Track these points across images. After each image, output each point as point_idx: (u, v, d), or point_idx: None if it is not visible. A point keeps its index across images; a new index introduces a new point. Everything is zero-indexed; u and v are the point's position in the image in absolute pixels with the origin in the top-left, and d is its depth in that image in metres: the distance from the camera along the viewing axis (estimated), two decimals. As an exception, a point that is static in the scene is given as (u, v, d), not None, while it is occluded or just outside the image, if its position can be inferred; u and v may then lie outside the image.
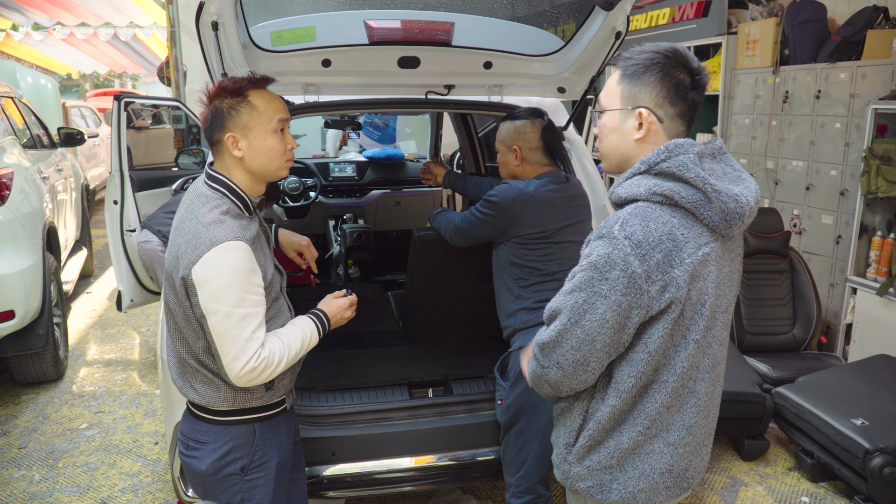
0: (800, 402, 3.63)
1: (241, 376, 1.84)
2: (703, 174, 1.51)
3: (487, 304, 3.14)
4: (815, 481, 3.64)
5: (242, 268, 1.82)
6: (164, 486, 3.57)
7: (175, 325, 1.94)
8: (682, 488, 1.68)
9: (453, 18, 2.83)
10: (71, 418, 4.33)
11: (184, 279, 1.82)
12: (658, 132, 1.60)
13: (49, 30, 14.21)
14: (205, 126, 1.93)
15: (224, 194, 1.90)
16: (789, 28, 5.35)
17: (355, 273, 5.03)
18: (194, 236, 1.82)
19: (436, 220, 2.92)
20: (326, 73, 2.88)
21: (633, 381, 1.58)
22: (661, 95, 1.57)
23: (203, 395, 1.95)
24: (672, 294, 1.50)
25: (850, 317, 4.64)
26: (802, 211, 5.25)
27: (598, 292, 1.50)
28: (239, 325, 1.81)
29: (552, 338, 1.58)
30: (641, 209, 1.53)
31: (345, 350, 3.22)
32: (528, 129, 2.68)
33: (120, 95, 4.52)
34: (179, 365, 2.00)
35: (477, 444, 2.74)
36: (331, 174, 5.64)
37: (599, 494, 1.68)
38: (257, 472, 2.01)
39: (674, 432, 1.63)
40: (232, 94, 1.89)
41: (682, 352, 1.57)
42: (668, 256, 1.49)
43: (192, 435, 2.01)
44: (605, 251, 1.50)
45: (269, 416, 2.04)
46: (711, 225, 1.53)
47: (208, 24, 2.36)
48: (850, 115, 4.81)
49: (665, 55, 1.57)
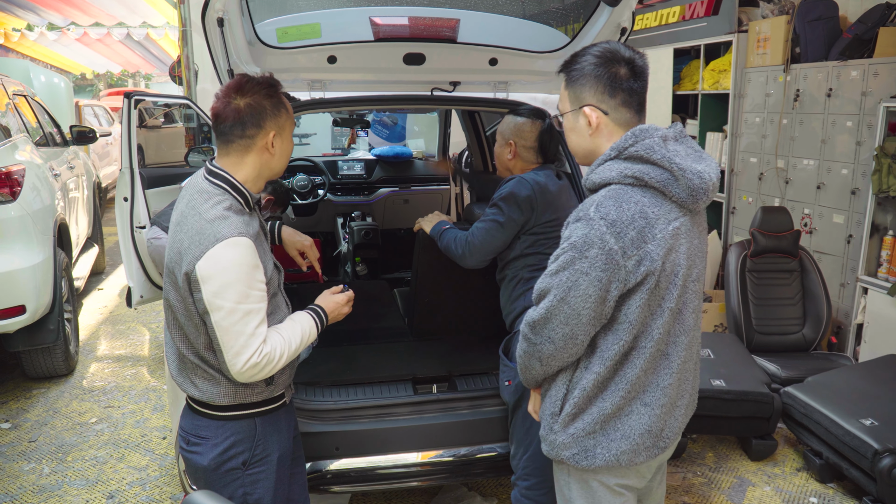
0: (809, 402, 3.60)
1: (243, 372, 1.85)
2: (668, 154, 1.65)
3: (492, 300, 3.14)
4: (823, 482, 3.61)
5: (246, 264, 1.82)
6: (171, 479, 3.60)
7: (175, 320, 1.93)
8: (659, 447, 1.79)
9: (458, 15, 2.83)
10: (81, 413, 4.37)
11: (187, 275, 1.81)
12: (607, 123, 1.75)
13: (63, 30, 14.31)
14: (233, 120, 1.87)
15: (226, 190, 1.90)
16: (800, 26, 5.30)
17: (363, 270, 5.04)
18: (198, 232, 1.82)
19: (443, 242, 2.80)
20: (332, 70, 2.89)
21: (616, 348, 1.70)
22: (600, 91, 1.73)
23: (203, 391, 1.95)
24: (647, 267, 1.63)
25: (861, 317, 4.60)
26: (813, 210, 5.21)
27: (579, 270, 1.64)
28: (242, 322, 1.81)
29: (542, 315, 1.72)
30: (614, 191, 1.66)
31: (350, 346, 3.24)
32: (527, 127, 2.72)
33: (130, 93, 4.55)
34: (179, 361, 2.00)
35: (481, 441, 2.74)
36: (339, 172, 5.65)
37: (584, 461, 1.78)
38: (259, 467, 2.02)
39: (649, 393, 1.74)
40: (269, 93, 1.90)
41: (658, 319, 1.70)
42: (642, 233, 1.62)
43: (193, 430, 2.01)
44: (583, 232, 1.64)
45: (269, 411, 2.04)
46: (679, 201, 1.67)
47: (214, 20, 2.37)
48: (861, 114, 4.76)
49: (594, 55, 1.73)
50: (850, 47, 4.91)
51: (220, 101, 1.88)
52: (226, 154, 1.92)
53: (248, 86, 1.87)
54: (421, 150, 6.47)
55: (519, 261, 2.65)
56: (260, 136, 1.89)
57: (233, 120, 1.87)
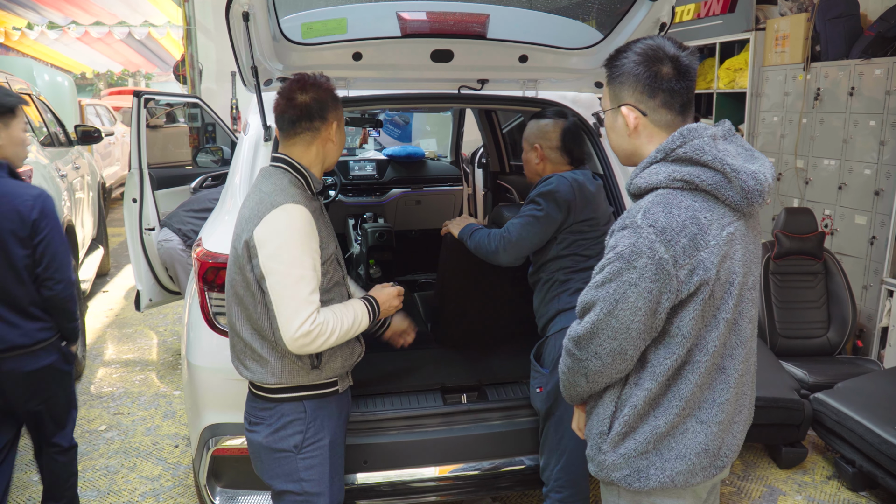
0: (841, 409, 3.50)
1: (295, 339, 1.94)
2: (719, 155, 1.55)
3: (520, 306, 3.04)
4: (855, 490, 3.52)
5: (299, 230, 1.96)
6: (185, 490, 3.49)
7: (235, 295, 2.06)
8: (717, 468, 1.69)
9: (488, 10, 2.74)
10: (89, 420, 4.26)
11: (246, 243, 1.97)
12: (646, 125, 1.66)
13: (64, 28, 14.22)
14: (300, 113, 2.05)
15: (287, 171, 2.09)
16: (821, 24, 5.22)
17: (376, 273, 4.92)
18: (257, 203, 2.00)
19: (473, 240, 2.68)
20: (357, 67, 2.79)
21: (669, 363, 1.60)
22: (639, 91, 1.64)
23: (254, 372, 2.08)
24: (701, 276, 1.53)
25: (886, 320, 4.51)
26: (834, 211, 5.12)
27: (627, 281, 1.54)
28: (295, 286, 1.93)
29: (587, 330, 1.62)
30: (662, 196, 1.57)
31: (372, 353, 3.12)
32: (549, 128, 2.67)
33: (140, 92, 4.45)
34: (233, 346, 2.15)
35: (514, 452, 2.65)
36: (351, 173, 5.54)
37: (637, 482, 1.67)
38: (311, 451, 2.12)
39: (705, 409, 1.65)
40: (329, 88, 2.11)
41: (714, 331, 1.59)
42: (694, 240, 1.52)
43: (251, 412, 2.17)
44: (631, 240, 1.54)
45: (318, 396, 2.13)
46: (733, 204, 1.56)
47: (239, 14, 2.28)
48: (885, 113, 4.67)
49: (636, 52, 1.65)
50: (873, 45, 4.83)
51: (283, 98, 2.07)
52: (292, 145, 2.11)
53: (310, 83, 2.08)
54: (433, 150, 6.36)
55: (554, 262, 2.56)
56: (325, 126, 2.09)
57: (300, 113, 2.06)
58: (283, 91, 2.09)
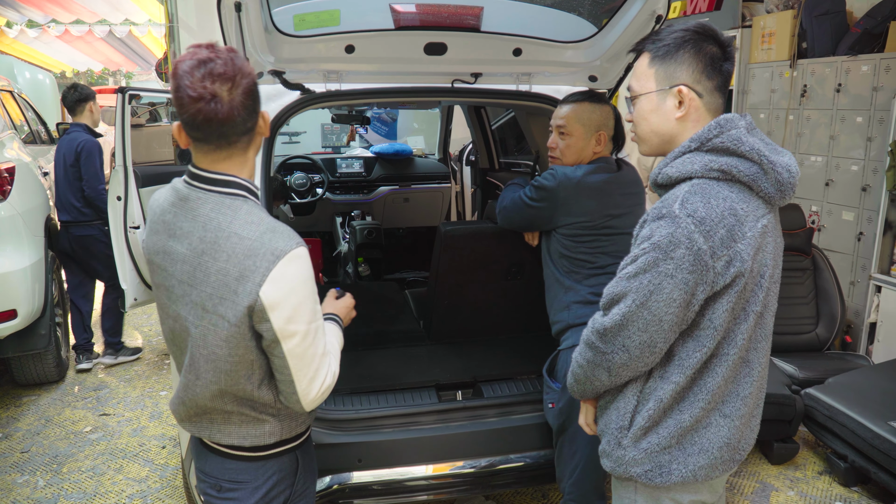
0: (832, 404, 3.51)
1: (316, 399, 1.63)
2: (757, 146, 1.53)
3: (517, 301, 3.01)
4: (847, 485, 3.52)
5: (311, 277, 1.58)
6: (173, 491, 3.43)
7: (215, 371, 1.60)
8: (735, 461, 1.69)
9: (482, 2, 2.70)
10: (74, 421, 4.18)
11: (250, 308, 1.51)
12: (699, 108, 1.61)
13: (44, 27, 13.98)
14: (230, 118, 1.52)
15: (247, 198, 1.60)
16: (807, 21, 5.24)
17: (365, 271, 4.88)
18: (247, 255, 1.51)
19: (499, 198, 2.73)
20: (349, 60, 2.74)
21: (699, 356, 1.57)
22: (698, 70, 1.59)
23: (245, 436, 1.68)
24: (737, 268, 1.51)
25: (874, 315, 4.53)
26: (821, 207, 5.14)
27: (663, 272, 1.50)
28: (314, 343, 1.59)
29: (616, 322, 1.57)
30: (700, 186, 1.53)
31: (365, 350, 3.09)
32: (610, 114, 2.53)
33: (124, 88, 4.36)
34: (210, 413, 1.69)
35: (510, 449, 2.61)
36: (338, 170, 5.49)
37: (658, 478, 1.65)
38: (300, 502, 1.84)
39: (729, 403, 1.63)
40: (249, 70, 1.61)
41: (743, 324, 1.58)
42: (731, 231, 1.50)
43: (226, 476, 1.72)
44: (668, 230, 1.49)
45: (306, 440, 1.84)
46: (767, 197, 1.55)
47: (231, 4, 2.23)
48: (872, 109, 4.70)
49: (695, 31, 1.59)
50: (860, 42, 4.85)
51: (204, 103, 1.48)
52: (227, 157, 1.59)
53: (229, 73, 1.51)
54: (420, 147, 6.32)
55: (557, 261, 2.49)
56: (259, 121, 1.60)
57: (229, 118, 1.51)
58: (195, 93, 1.50)
